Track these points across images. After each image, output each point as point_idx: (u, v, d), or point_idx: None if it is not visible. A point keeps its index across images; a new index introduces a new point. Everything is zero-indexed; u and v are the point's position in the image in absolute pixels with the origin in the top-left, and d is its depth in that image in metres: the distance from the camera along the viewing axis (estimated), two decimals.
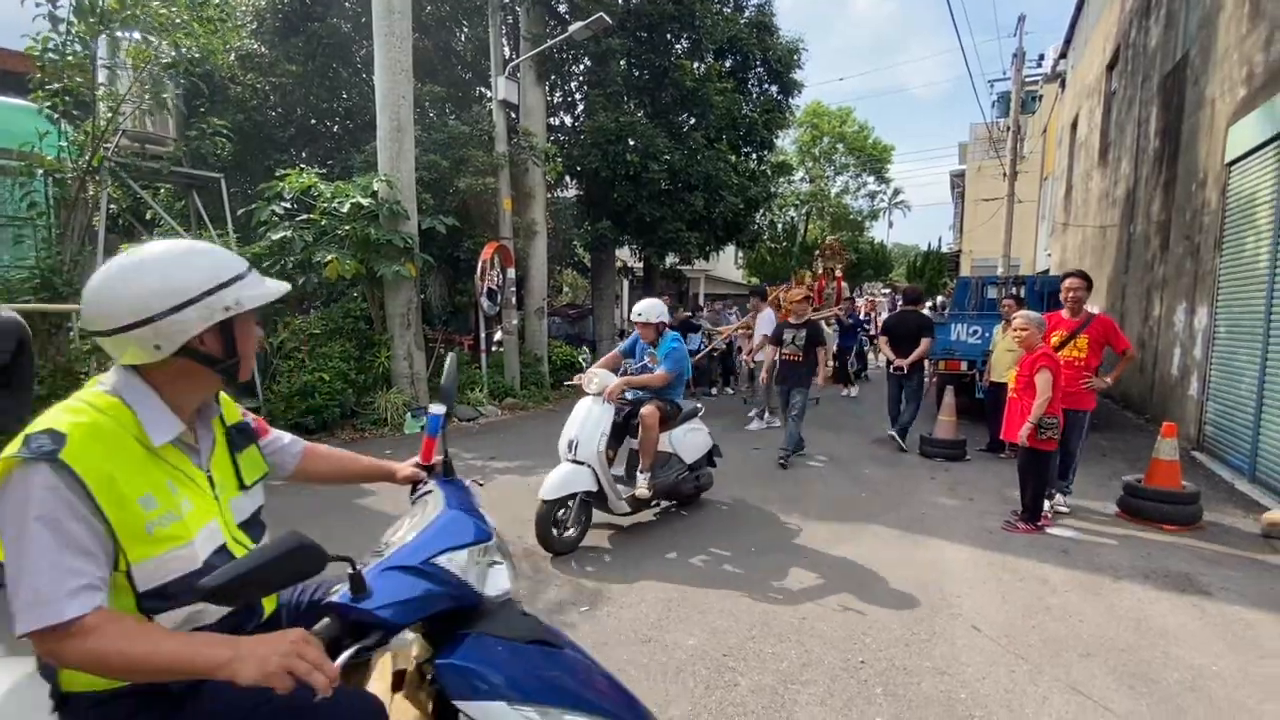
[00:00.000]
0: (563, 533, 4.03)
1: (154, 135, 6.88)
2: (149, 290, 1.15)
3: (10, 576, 1.02)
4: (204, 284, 1.20)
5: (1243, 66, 6.31)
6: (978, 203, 26.94)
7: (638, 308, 4.56)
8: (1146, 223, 9.41)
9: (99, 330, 1.17)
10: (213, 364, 1.25)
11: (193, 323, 1.18)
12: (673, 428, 4.58)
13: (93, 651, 1.02)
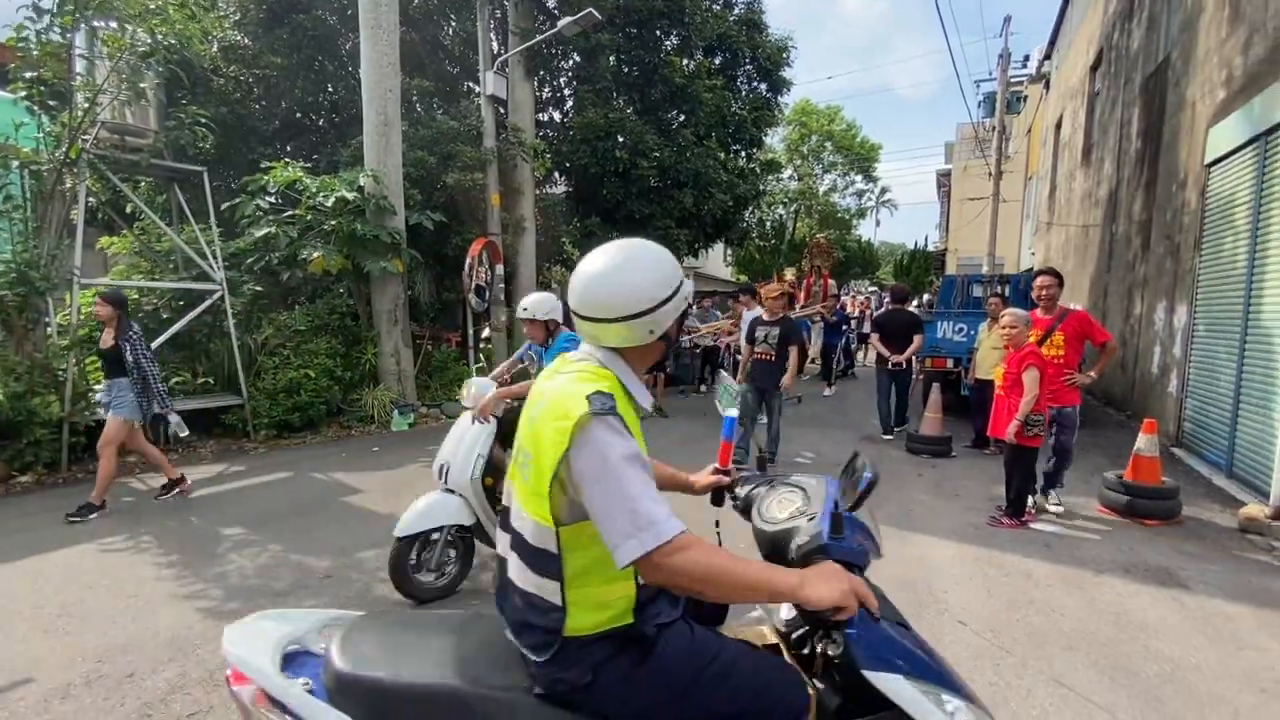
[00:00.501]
0: (430, 575, 3.33)
1: (133, 127, 6.74)
2: (652, 283, 1.33)
3: (607, 511, 1.17)
4: (679, 276, 1.39)
5: (1223, 69, 6.41)
6: (963, 202, 27.20)
7: (523, 302, 3.83)
8: (1128, 222, 9.54)
9: (605, 318, 1.33)
10: (669, 344, 1.45)
11: (672, 311, 1.37)
12: None
13: (686, 565, 1.16)
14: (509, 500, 1.40)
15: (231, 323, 7.24)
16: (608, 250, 1.38)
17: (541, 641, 1.26)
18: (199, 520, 4.60)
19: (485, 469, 3.41)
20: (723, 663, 1.31)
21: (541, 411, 1.29)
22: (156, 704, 2.51)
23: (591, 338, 1.38)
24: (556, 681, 1.26)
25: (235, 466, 6.20)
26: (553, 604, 1.25)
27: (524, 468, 1.32)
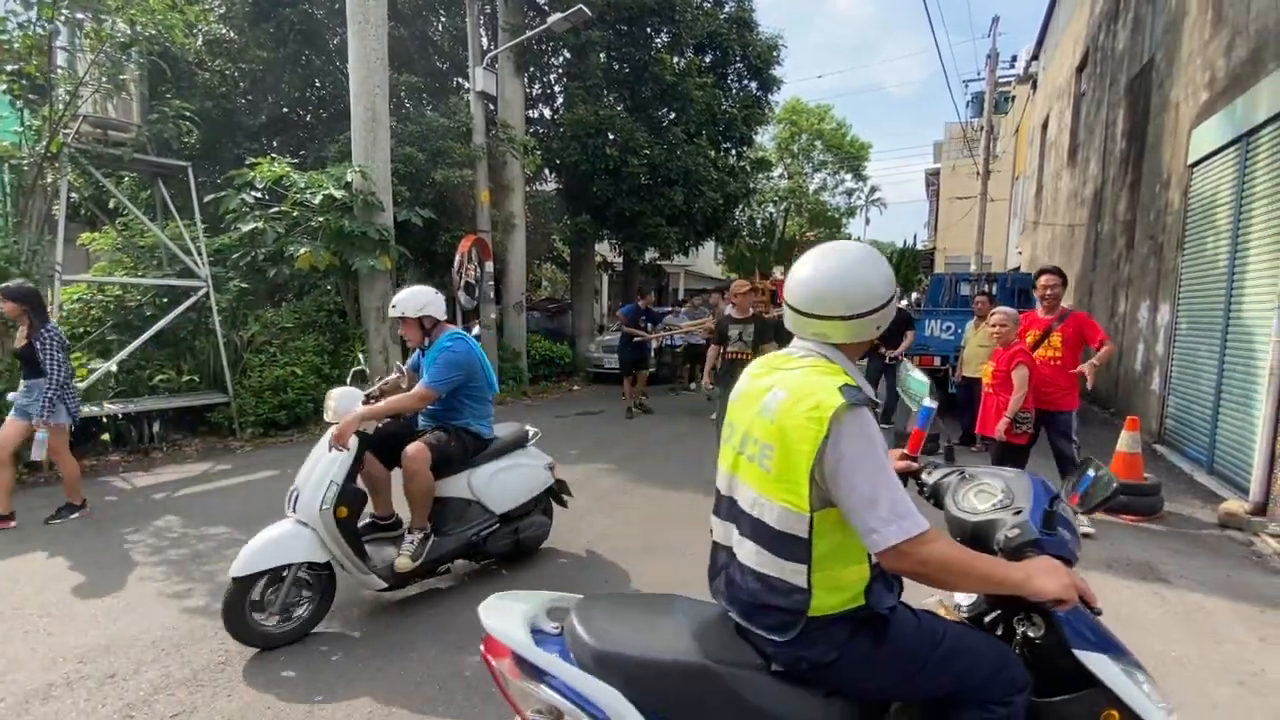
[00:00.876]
0: (275, 618, 2.88)
1: (116, 121, 6.65)
2: (881, 281, 1.40)
3: (869, 498, 1.24)
4: (893, 277, 1.45)
5: (1205, 71, 6.50)
6: (952, 201, 27.41)
7: (395, 299, 3.41)
8: (1113, 222, 9.65)
9: (838, 315, 1.39)
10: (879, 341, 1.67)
11: (892, 309, 1.43)
12: (473, 465, 3.48)
13: (933, 555, 1.25)
14: (732, 490, 1.46)
15: (217, 320, 7.17)
16: (834, 250, 1.45)
17: (783, 622, 1.33)
18: (183, 520, 4.55)
19: (340, 497, 2.94)
20: (950, 642, 1.39)
21: (783, 403, 1.34)
22: (139, 704, 2.48)
23: (816, 334, 1.43)
24: (799, 659, 1.34)
25: (221, 465, 6.14)
26: (796, 586, 1.32)
27: (760, 457, 1.37)
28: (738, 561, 1.42)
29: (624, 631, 1.41)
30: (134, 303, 7.34)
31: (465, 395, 3.42)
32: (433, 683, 2.64)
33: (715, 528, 1.53)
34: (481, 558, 3.58)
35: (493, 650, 1.47)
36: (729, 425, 1.51)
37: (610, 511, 4.81)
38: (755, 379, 1.49)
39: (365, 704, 2.50)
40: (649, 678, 1.34)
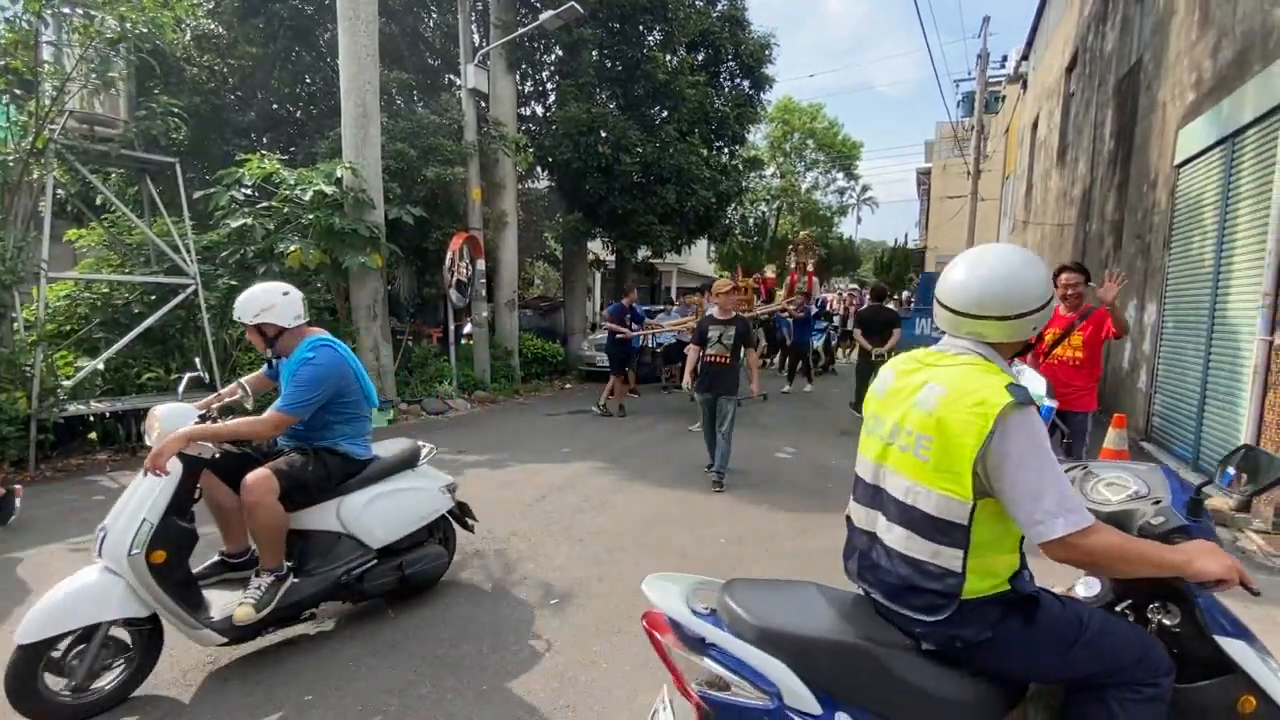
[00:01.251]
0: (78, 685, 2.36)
1: (103, 116, 6.57)
2: (1041, 283, 1.45)
3: (1036, 492, 1.30)
4: (1050, 279, 1.50)
5: (1192, 72, 6.56)
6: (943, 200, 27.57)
7: (238, 300, 2.88)
8: (1101, 222, 9.74)
9: (998, 315, 1.44)
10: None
11: (1049, 310, 1.48)
12: (344, 492, 2.97)
13: (1098, 545, 1.31)
14: (879, 478, 1.52)
15: (205, 317, 7.11)
16: (993, 252, 1.50)
17: (934, 604, 1.40)
18: None
19: (156, 538, 2.40)
20: (1096, 625, 1.45)
21: (944, 398, 1.40)
22: (125, 706, 2.46)
23: (972, 333, 1.48)
24: (953, 638, 1.40)
25: None
26: (951, 570, 1.38)
27: (916, 448, 1.43)
28: (883, 546, 1.50)
29: (779, 611, 1.51)
30: (121, 300, 7.27)
31: (333, 412, 2.90)
32: (425, 680, 2.64)
33: (855, 513, 1.62)
34: (359, 598, 3.05)
35: (654, 625, 1.56)
36: (874, 417, 1.58)
37: (602, 510, 4.82)
38: (905, 375, 1.55)
39: (355, 703, 2.49)
40: (810, 653, 1.43)
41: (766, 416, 8.75)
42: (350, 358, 3.02)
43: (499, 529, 4.37)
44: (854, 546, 1.62)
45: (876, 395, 1.61)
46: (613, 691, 2.57)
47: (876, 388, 1.63)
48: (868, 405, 1.65)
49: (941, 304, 1.53)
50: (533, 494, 5.17)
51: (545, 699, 2.52)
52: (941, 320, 1.54)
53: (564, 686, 2.60)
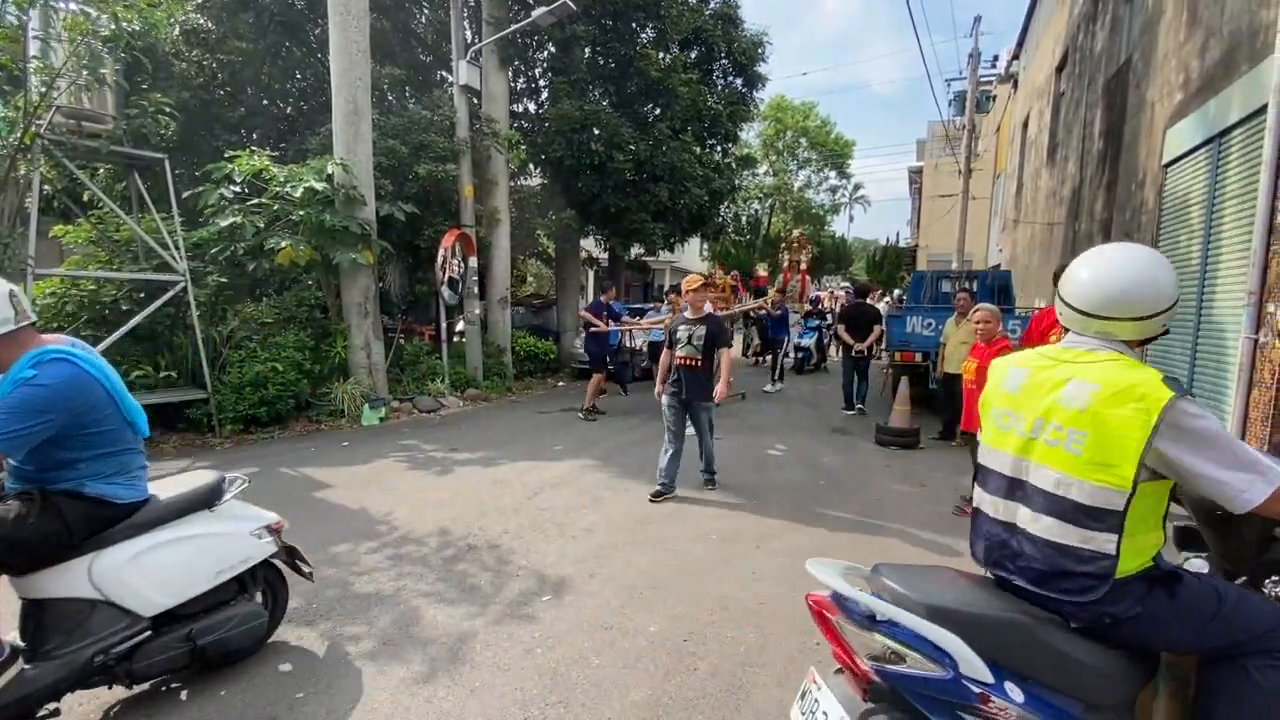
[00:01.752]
0: None
1: (91, 112, 6.50)
2: (1171, 284, 1.54)
3: (1225, 468, 1.38)
4: (1177, 279, 1.57)
5: (1180, 72, 6.62)
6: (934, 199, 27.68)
7: None
8: (1090, 221, 9.81)
9: (1133, 316, 1.53)
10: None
11: (1175, 309, 1.56)
12: (100, 546, 2.31)
13: None
14: (1022, 472, 1.59)
15: (195, 315, 7.06)
16: (1121, 253, 1.59)
17: (1087, 585, 1.48)
18: None
19: None
20: (1233, 598, 1.52)
21: (1098, 395, 1.47)
22: (112, 710, 2.45)
23: (1101, 332, 1.58)
24: (1102, 615, 1.49)
25: (199, 463, 6.06)
26: (1104, 553, 1.47)
27: (1067, 442, 1.50)
28: (1027, 535, 1.57)
29: (936, 590, 1.60)
30: (109, 297, 7.20)
31: (72, 447, 2.21)
32: (417, 678, 2.64)
33: (988, 505, 1.69)
34: (131, 682, 2.35)
35: (821, 605, 1.65)
36: (1006, 413, 1.65)
37: (594, 507, 4.82)
38: (1040, 371, 1.62)
39: (346, 701, 2.49)
40: (977, 627, 1.50)
41: (758, 415, 8.78)
42: (104, 374, 2.30)
43: (491, 526, 4.37)
44: (987, 536, 1.69)
45: (1005, 391, 1.68)
46: (604, 687, 2.58)
47: (1003, 384, 1.70)
48: (994, 401, 1.72)
49: (1069, 304, 1.62)
50: (525, 491, 5.17)
51: (537, 695, 2.53)
52: (1068, 320, 1.63)
53: (556, 683, 2.61)
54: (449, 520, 4.48)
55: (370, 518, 4.52)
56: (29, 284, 5.97)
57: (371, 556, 3.85)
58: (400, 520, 4.48)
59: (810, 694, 1.68)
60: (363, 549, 3.96)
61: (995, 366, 1.79)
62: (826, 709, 1.60)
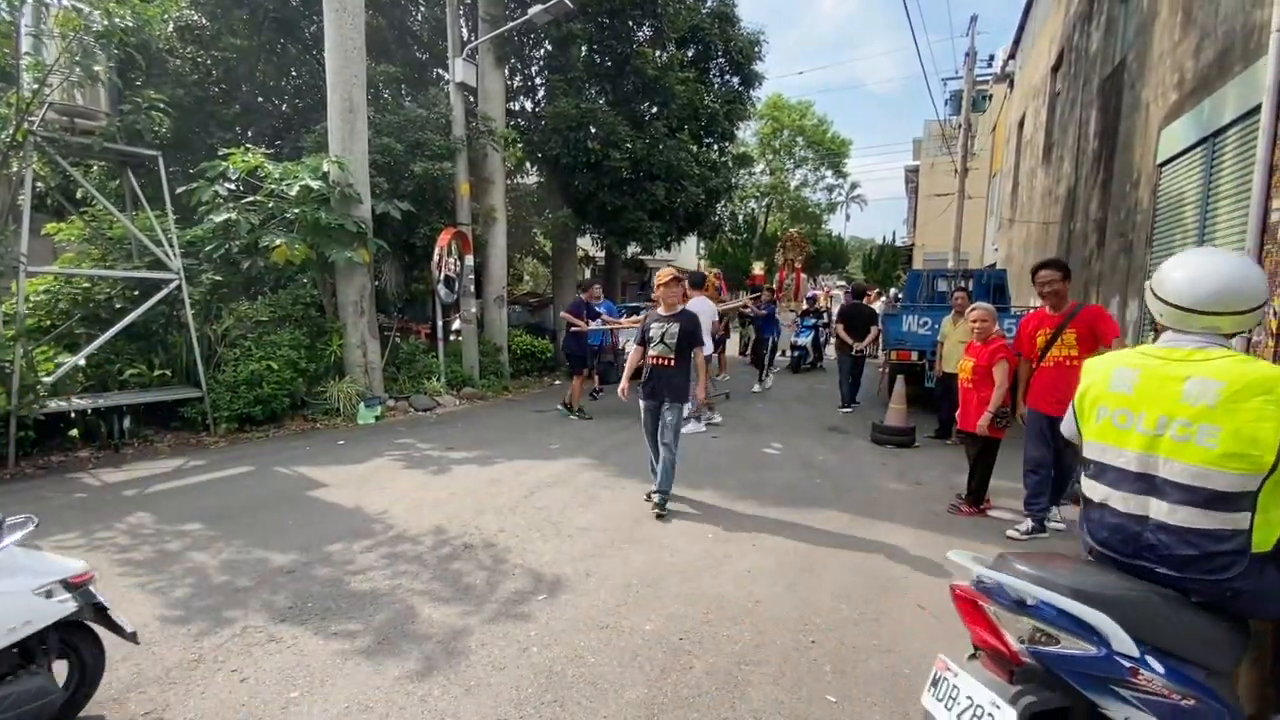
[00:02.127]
0: None
1: (84, 109, 6.45)
2: (1264, 280, 1.69)
3: None
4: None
5: (1175, 72, 6.64)
6: (930, 198, 27.73)
7: None
8: (1085, 220, 9.85)
9: (1236, 311, 1.67)
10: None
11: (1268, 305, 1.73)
12: None
13: None
14: (1150, 467, 1.69)
15: (189, 313, 7.02)
16: (1216, 255, 1.75)
17: (1227, 563, 1.59)
18: (155, 517, 4.46)
19: None
20: None
21: (1225, 390, 1.58)
22: (109, 703, 2.44)
23: (1207, 327, 1.70)
24: (1224, 590, 1.60)
25: (194, 461, 6.03)
26: (1241, 529, 1.59)
27: (1199, 437, 1.60)
28: (1163, 526, 1.67)
29: (1071, 575, 1.69)
30: (103, 295, 7.16)
31: None
32: (411, 677, 2.63)
33: (1114, 499, 1.77)
34: None
35: (967, 593, 1.76)
36: (1123, 412, 1.75)
37: (590, 506, 4.82)
38: (1153, 370, 1.73)
39: (341, 699, 2.48)
40: (1119, 605, 1.60)
41: (755, 413, 8.79)
42: None
43: (487, 525, 4.37)
44: (1110, 528, 1.78)
45: (1116, 391, 1.78)
46: (599, 686, 2.58)
47: (1110, 385, 1.80)
48: (1103, 400, 1.81)
49: (1170, 303, 1.74)
50: (521, 490, 5.17)
51: (532, 694, 2.52)
52: (1171, 318, 1.75)
53: (551, 682, 2.61)
54: (445, 519, 4.47)
55: (366, 516, 4.51)
56: (21, 281, 5.93)
57: (367, 555, 3.84)
58: (396, 519, 4.47)
59: (946, 680, 1.75)
60: (358, 547, 3.95)
61: (1092, 367, 1.90)
62: (970, 693, 1.67)
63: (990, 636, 1.67)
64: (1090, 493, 1.85)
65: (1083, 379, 1.91)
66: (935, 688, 1.78)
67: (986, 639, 1.68)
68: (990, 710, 1.61)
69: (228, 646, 2.83)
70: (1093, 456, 1.84)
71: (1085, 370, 1.92)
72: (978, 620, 1.71)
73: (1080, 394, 1.90)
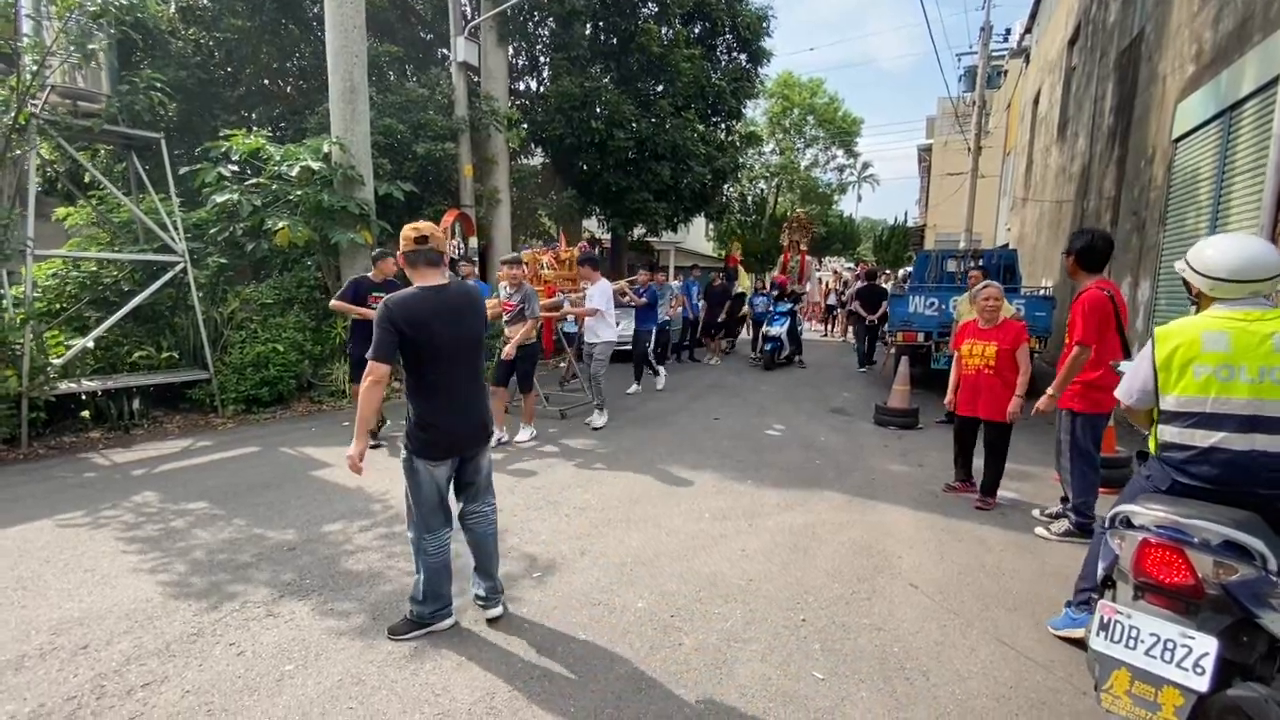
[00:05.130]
0: None
1: (86, 91, 6.46)
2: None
3: None
4: None
5: (1193, 44, 6.44)
6: (943, 177, 27.26)
7: None
8: (1098, 198, 9.65)
9: (1270, 277, 2.02)
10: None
11: None
12: None
13: None
14: (1260, 410, 1.92)
15: (196, 296, 7.08)
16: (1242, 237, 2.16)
17: None
18: (161, 496, 4.54)
19: None
20: None
21: None
22: (110, 674, 2.50)
23: (1254, 292, 2.04)
24: None
25: (201, 442, 6.12)
26: None
27: None
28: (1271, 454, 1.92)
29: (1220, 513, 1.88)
30: (110, 279, 7.23)
31: None
32: (405, 652, 2.67)
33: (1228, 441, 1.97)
34: None
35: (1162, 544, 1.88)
36: (1225, 367, 1.98)
37: (588, 486, 4.84)
38: (1241, 330, 1.98)
39: (335, 673, 2.53)
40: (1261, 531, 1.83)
41: (758, 395, 8.77)
42: None
43: None
44: (1224, 464, 1.98)
45: (1213, 351, 2.00)
46: (589, 661, 2.61)
47: (1204, 346, 2.02)
48: (1200, 359, 2.02)
49: (1219, 278, 2.06)
50: (519, 471, 5.20)
51: (522, 669, 2.56)
52: (1222, 290, 2.06)
53: (542, 657, 2.64)
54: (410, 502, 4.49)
55: (366, 496, 4.56)
56: (28, 264, 6.00)
57: (365, 535, 3.89)
58: (395, 499, 4.51)
59: (1119, 623, 1.89)
60: (357, 526, 4.00)
61: (1174, 333, 2.10)
62: (1153, 629, 1.83)
63: (1189, 576, 1.83)
64: (1188, 440, 2.04)
65: (1162, 344, 2.11)
66: (1106, 630, 1.90)
67: (1182, 579, 1.83)
68: (1183, 641, 1.77)
69: (226, 621, 2.89)
70: (1190, 409, 2.04)
71: (1165, 336, 2.11)
72: (1173, 564, 1.85)
73: (1165, 356, 2.09)
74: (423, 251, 2.65)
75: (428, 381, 2.66)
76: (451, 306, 2.65)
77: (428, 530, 2.75)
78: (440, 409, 2.66)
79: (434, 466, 2.69)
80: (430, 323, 2.58)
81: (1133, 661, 1.84)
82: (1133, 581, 1.92)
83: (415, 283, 2.68)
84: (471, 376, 2.76)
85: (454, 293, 2.69)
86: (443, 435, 2.67)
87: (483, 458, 2.87)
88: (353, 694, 2.40)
